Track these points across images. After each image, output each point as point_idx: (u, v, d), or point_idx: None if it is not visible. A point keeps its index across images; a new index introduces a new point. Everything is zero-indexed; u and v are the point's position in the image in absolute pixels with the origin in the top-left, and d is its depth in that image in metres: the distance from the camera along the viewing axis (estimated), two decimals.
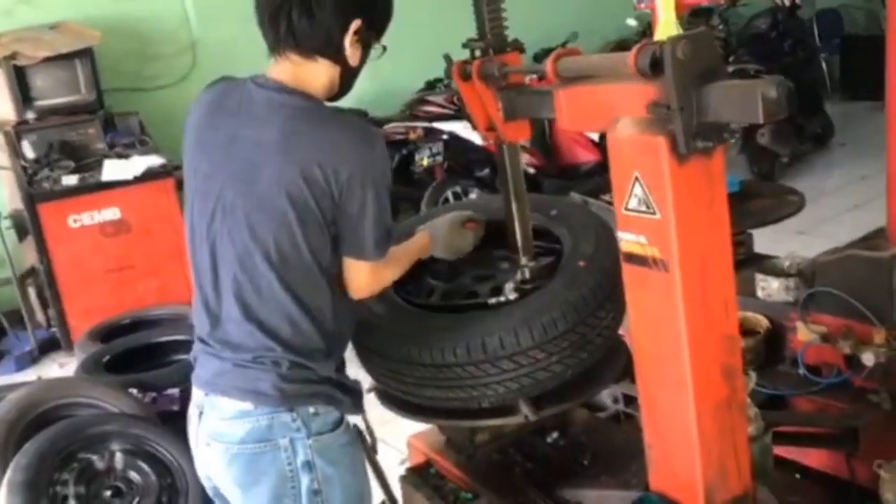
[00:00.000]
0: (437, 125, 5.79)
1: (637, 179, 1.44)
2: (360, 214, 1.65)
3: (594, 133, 5.66)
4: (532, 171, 6.07)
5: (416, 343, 1.79)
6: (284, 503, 1.71)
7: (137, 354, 3.93)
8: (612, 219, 1.56)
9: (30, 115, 5.01)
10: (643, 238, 1.47)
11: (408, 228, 2.29)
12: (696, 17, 8.06)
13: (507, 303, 1.87)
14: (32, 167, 4.81)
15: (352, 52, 1.70)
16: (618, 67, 1.43)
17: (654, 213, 1.43)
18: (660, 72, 1.34)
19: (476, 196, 5.59)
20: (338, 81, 1.74)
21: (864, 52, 6.87)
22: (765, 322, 2.74)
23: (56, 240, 4.72)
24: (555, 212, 2.14)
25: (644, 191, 1.44)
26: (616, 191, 1.49)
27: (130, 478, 2.94)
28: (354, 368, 1.89)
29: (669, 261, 1.44)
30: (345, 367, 1.83)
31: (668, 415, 1.56)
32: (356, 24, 1.68)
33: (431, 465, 2.15)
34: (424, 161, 5.91)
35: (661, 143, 1.38)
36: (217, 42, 6.17)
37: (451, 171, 5.96)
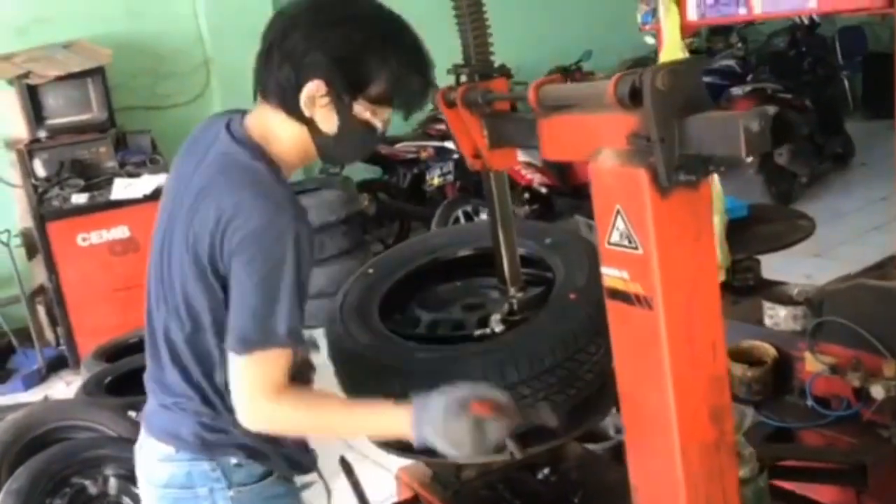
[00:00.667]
0: (449, 144, 5.75)
1: (619, 213, 1.38)
2: (238, 292, 1.47)
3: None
4: (544, 191, 6.03)
5: (397, 376, 1.74)
6: None
7: (141, 375, 3.91)
8: None
9: (42, 134, 5.05)
10: (626, 273, 1.41)
11: (416, 246, 2.23)
12: (716, 36, 8.03)
13: (493, 335, 1.81)
14: (43, 185, 4.84)
15: (321, 117, 1.52)
16: (599, 97, 1.37)
17: (637, 248, 1.37)
18: (639, 102, 1.29)
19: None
20: (312, 147, 1.57)
21: (888, 70, 6.75)
22: (772, 351, 2.68)
23: (65, 258, 4.73)
24: (549, 240, 2.09)
25: (626, 225, 1.38)
26: (599, 224, 1.43)
27: (123, 503, 2.91)
28: None
29: (653, 298, 1.38)
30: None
31: (654, 457, 1.49)
32: (315, 86, 1.49)
33: (419, 501, 2.09)
34: (435, 180, 5.88)
35: (642, 176, 1.32)
36: (231, 60, 6.17)
37: (463, 191, 5.92)
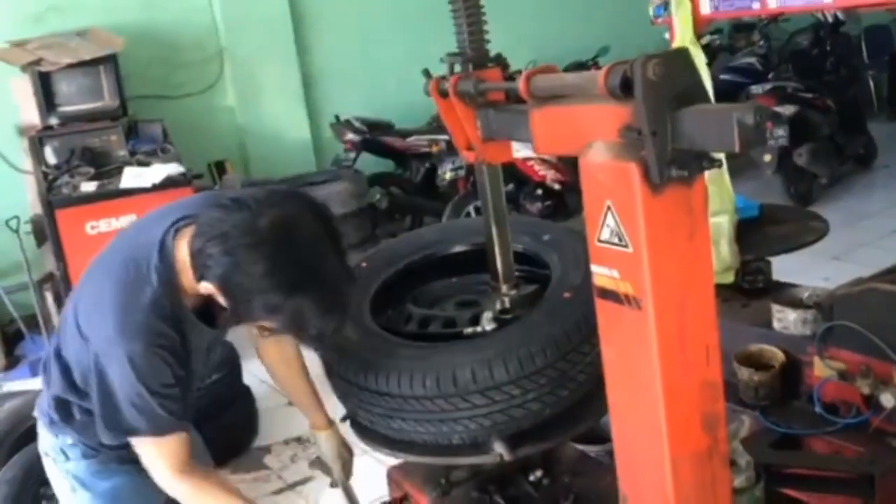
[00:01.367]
0: None
1: (609, 209, 1.32)
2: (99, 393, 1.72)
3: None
4: (557, 187, 5.95)
5: (384, 372, 1.69)
6: None
7: None
8: None
9: (53, 121, 5.03)
10: (616, 272, 1.35)
11: (411, 241, 2.19)
12: (738, 33, 7.91)
13: (484, 333, 1.75)
14: (53, 173, 4.82)
15: (223, 301, 1.64)
16: (590, 88, 1.31)
17: (627, 246, 1.31)
18: (630, 93, 1.22)
19: None
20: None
21: None
22: (780, 356, 2.62)
23: (73, 246, 4.70)
24: (547, 236, 2.03)
25: (616, 221, 1.32)
26: (589, 221, 1.37)
27: None
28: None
29: (643, 298, 1.32)
30: None
31: (643, 465, 1.43)
32: (213, 288, 1.60)
33: (407, 500, 2.04)
34: (447, 174, 5.81)
35: (633, 170, 1.26)
36: (245, 51, 6.17)
37: (476, 186, 5.84)
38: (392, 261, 2.11)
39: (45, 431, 1.94)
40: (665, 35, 7.71)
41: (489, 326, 1.76)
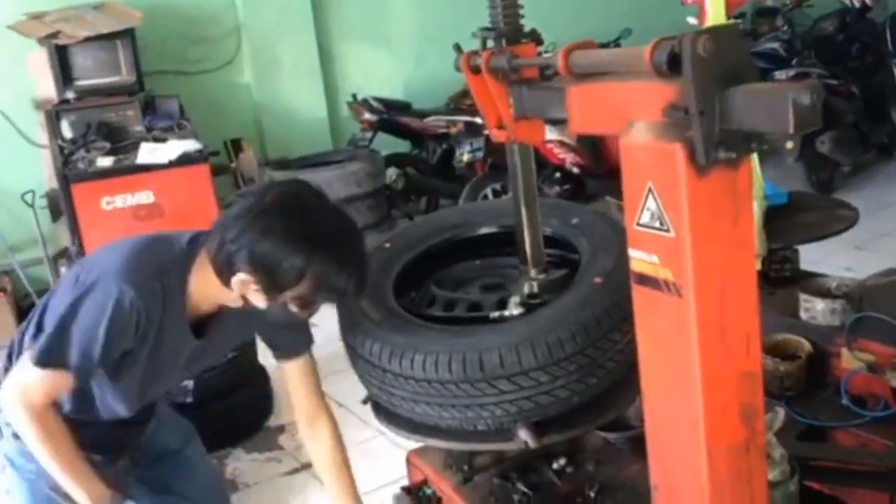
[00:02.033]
0: (480, 119, 5.61)
1: (650, 191, 1.27)
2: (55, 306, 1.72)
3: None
4: (577, 171, 5.88)
5: (408, 354, 1.65)
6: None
7: None
8: None
9: (70, 95, 4.99)
10: (655, 258, 1.30)
11: (446, 218, 2.15)
12: (761, 18, 7.79)
13: (511, 318, 1.71)
14: (69, 147, 4.78)
15: (253, 296, 1.67)
16: (634, 64, 1.26)
17: (668, 231, 1.26)
18: (678, 70, 1.17)
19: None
20: (235, 304, 1.73)
21: None
22: (807, 346, 2.57)
23: (88, 221, 4.67)
24: (576, 220, 1.98)
25: (658, 205, 1.27)
26: (628, 204, 1.32)
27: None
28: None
29: (683, 285, 1.27)
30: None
31: (677, 456, 1.39)
32: (242, 277, 1.63)
33: (427, 486, 2.00)
34: (465, 156, 5.74)
35: (678, 152, 1.20)
36: (263, 27, 6.10)
37: (493, 168, 5.78)
38: (415, 242, 2.07)
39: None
40: (688, 18, 7.55)
41: (516, 311, 1.72)
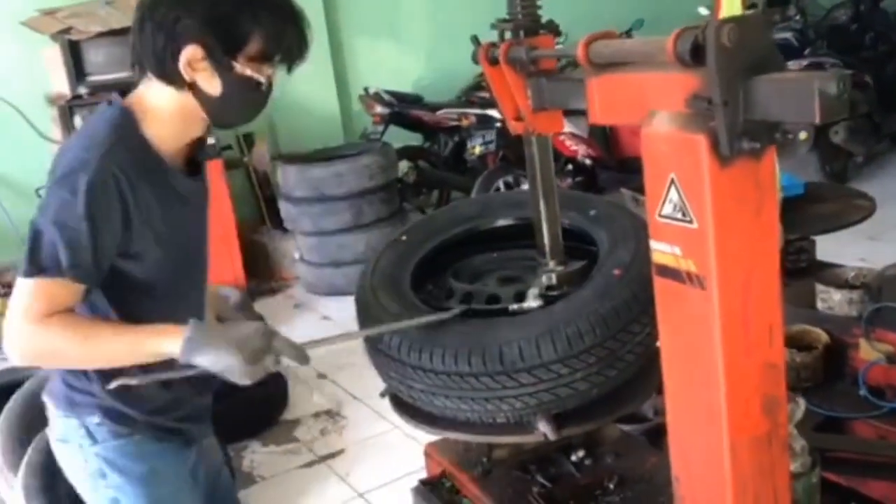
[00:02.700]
0: (492, 112, 5.60)
1: (673, 182, 1.26)
2: (37, 218, 1.56)
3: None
4: (589, 163, 5.87)
5: (427, 347, 1.65)
6: (99, 501, 1.76)
7: None
8: None
9: (83, 91, 5.00)
10: (677, 249, 1.30)
11: (463, 210, 2.14)
12: (773, 7, 7.74)
13: (530, 310, 1.71)
14: None
15: (203, 80, 1.55)
16: (655, 54, 1.25)
17: (691, 222, 1.25)
18: (701, 60, 1.16)
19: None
20: (201, 109, 1.59)
21: None
22: (824, 337, 2.56)
23: None
24: (594, 212, 1.97)
25: (680, 195, 1.26)
26: (650, 195, 1.32)
27: None
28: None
29: (706, 276, 1.26)
30: (169, 409, 1.73)
31: (699, 447, 1.39)
32: (192, 51, 1.52)
33: (446, 479, 2.01)
34: (477, 149, 5.74)
35: (701, 142, 1.20)
36: None
37: (505, 161, 5.78)
38: (432, 235, 2.07)
39: (62, 416, 1.72)
40: (699, 9, 7.46)
41: (535, 303, 1.71)
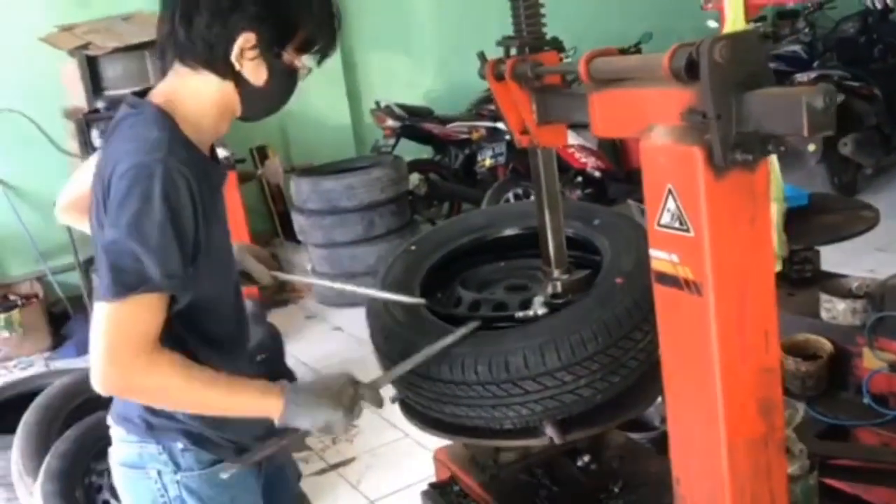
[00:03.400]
0: (501, 125, 5.67)
1: (670, 193, 1.32)
2: (111, 236, 1.44)
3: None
4: (598, 175, 5.91)
5: (435, 356, 1.70)
6: None
7: None
8: None
9: (100, 105, 5.11)
10: (675, 257, 1.35)
11: (460, 224, 2.19)
12: (782, 20, 7.78)
13: (536, 318, 1.76)
14: None
15: (250, 70, 1.56)
16: (653, 70, 1.31)
17: (688, 230, 1.31)
18: (696, 76, 1.22)
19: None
20: (238, 100, 1.59)
21: None
22: (828, 346, 2.60)
23: None
24: (597, 221, 2.02)
25: (677, 205, 1.31)
26: (648, 205, 1.37)
27: None
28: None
29: (703, 283, 1.31)
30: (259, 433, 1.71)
31: (698, 449, 1.43)
32: (245, 39, 1.53)
33: (455, 482, 2.05)
34: (487, 161, 5.80)
35: (696, 154, 1.25)
36: None
37: (515, 173, 5.84)
38: (441, 244, 2.12)
39: (136, 441, 1.64)
40: (708, 22, 7.55)
41: (541, 311, 1.76)
